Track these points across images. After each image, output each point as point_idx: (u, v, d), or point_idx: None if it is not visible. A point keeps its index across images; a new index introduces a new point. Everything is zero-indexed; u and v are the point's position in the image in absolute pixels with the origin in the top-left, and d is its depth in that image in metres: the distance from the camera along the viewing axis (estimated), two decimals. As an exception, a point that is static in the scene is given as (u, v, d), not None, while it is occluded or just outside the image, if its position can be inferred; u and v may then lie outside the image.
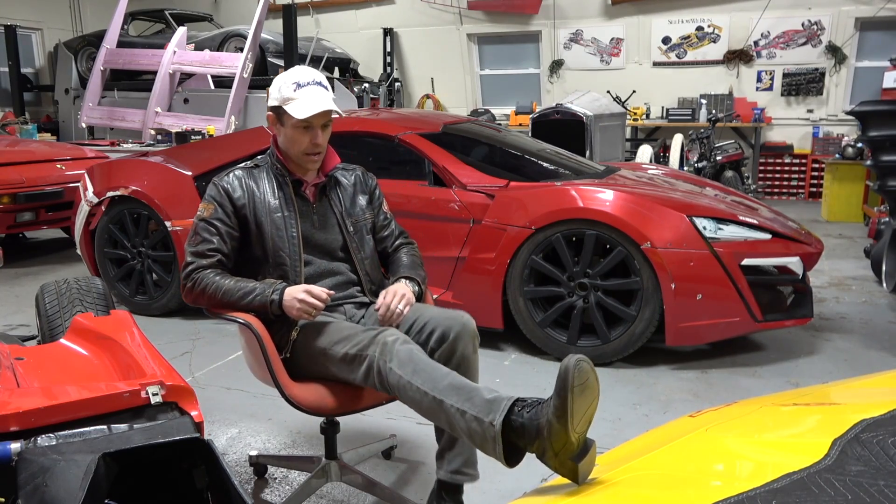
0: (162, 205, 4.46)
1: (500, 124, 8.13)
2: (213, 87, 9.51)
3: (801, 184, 9.83)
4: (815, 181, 9.60)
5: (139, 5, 11.18)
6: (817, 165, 9.50)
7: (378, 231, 2.43)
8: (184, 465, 1.49)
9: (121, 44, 9.56)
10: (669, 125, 9.95)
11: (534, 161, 4.40)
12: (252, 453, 2.69)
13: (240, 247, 2.25)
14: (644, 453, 1.21)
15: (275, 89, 2.22)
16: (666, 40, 10.19)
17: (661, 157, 8.24)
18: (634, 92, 10.21)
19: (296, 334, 2.16)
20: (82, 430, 1.53)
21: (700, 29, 9.99)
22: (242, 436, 2.98)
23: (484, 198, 3.82)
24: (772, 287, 3.86)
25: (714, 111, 9.53)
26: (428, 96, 11.59)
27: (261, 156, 2.36)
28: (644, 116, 10.26)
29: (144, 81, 9.66)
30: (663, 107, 10.22)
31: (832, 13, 9.29)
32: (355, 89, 9.52)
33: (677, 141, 7.17)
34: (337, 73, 10.59)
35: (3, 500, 1.47)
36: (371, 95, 10.07)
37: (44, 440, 1.48)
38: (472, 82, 11.47)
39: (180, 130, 7.76)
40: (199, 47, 9.58)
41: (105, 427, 1.55)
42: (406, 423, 2.92)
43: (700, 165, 7.43)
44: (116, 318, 2.28)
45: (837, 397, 1.41)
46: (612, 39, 10.47)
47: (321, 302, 2.08)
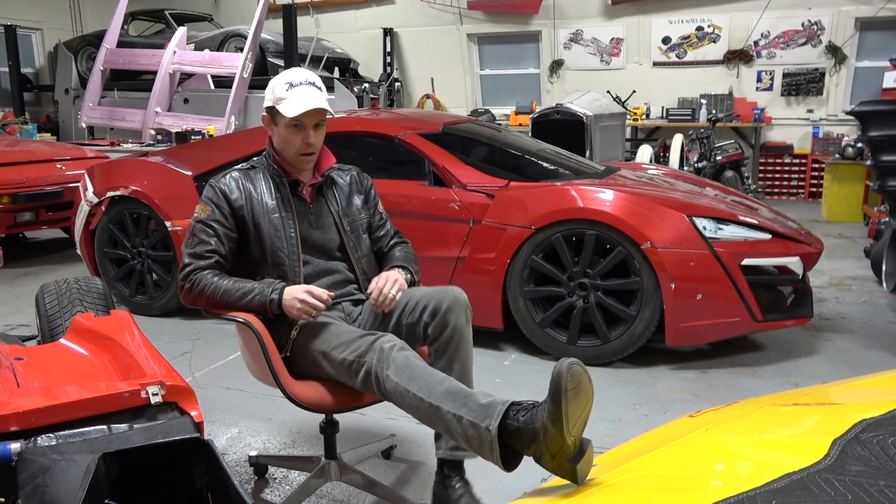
0: (162, 205, 4.46)
1: (500, 124, 8.12)
2: (213, 87, 9.51)
3: (801, 184, 9.83)
4: (815, 181, 9.60)
5: (139, 5, 11.18)
6: (817, 165, 9.50)
7: (374, 231, 2.45)
8: (184, 465, 1.49)
9: (121, 44, 9.56)
10: (669, 125, 9.95)
11: (534, 161, 4.39)
12: (252, 453, 2.69)
13: (237, 248, 2.25)
14: (644, 453, 1.21)
15: (269, 90, 2.23)
16: (666, 40, 10.19)
17: (661, 157, 8.24)
18: (634, 92, 10.21)
19: (295, 333, 2.16)
20: (82, 430, 1.53)
21: (700, 29, 9.99)
22: (242, 436, 2.98)
23: (484, 198, 3.82)
24: (772, 287, 3.86)
25: (714, 111, 9.53)
26: (428, 96, 11.59)
27: (256, 157, 2.37)
28: (644, 116, 10.25)
29: (144, 81, 9.66)
30: (663, 107, 10.22)
31: (832, 13, 9.29)
32: (355, 89, 9.52)
33: (677, 141, 7.16)
34: (337, 73, 10.59)
35: (3, 500, 1.47)
36: (371, 95, 10.07)
37: (44, 440, 1.48)
38: (472, 82, 11.47)
39: (180, 130, 7.76)
40: (199, 47, 9.59)
41: (105, 427, 1.55)
42: (406, 423, 2.92)
43: (700, 165, 7.43)
44: (116, 318, 2.28)
45: (837, 397, 1.41)
46: (612, 39, 10.47)
47: (322, 303, 2.08)
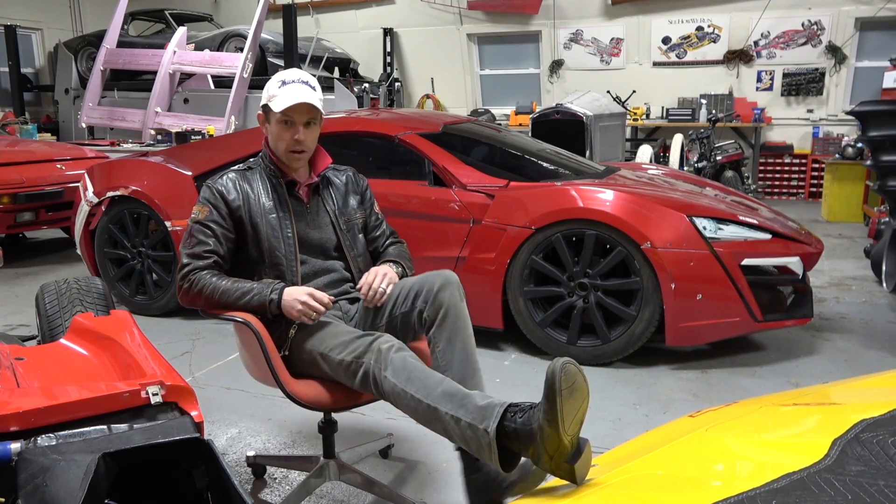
0: (162, 205, 4.46)
1: (500, 124, 8.12)
2: (213, 87, 9.51)
3: (801, 184, 9.82)
4: (815, 181, 9.60)
5: (139, 5, 11.18)
6: (817, 165, 9.50)
7: (370, 231, 2.46)
8: (184, 465, 1.49)
9: (121, 44, 9.56)
10: (669, 125, 9.95)
11: (534, 161, 4.39)
12: (250, 453, 2.69)
13: (235, 248, 2.26)
14: (644, 453, 1.21)
15: (265, 89, 2.26)
16: (666, 40, 10.19)
17: (661, 157, 8.24)
18: (634, 92, 10.21)
19: (293, 332, 2.16)
20: (82, 430, 1.53)
21: (700, 29, 9.99)
22: (242, 436, 2.98)
23: (484, 198, 3.82)
24: (772, 287, 3.86)
25: (714, 111, 9.52)
26: (428, 96, 11.59)
27: (253, 159, 2.38)
28: (644, 116, 10.25)
29: (144, 81, 9.66)
30: (663, 107, 10.22)
31: (832, 13, 9.29)
32: (355, 89, 9.52)
33: (677, 141, 7.16)
34: (337, 73, 10.59)
35: (3, 500, 1.47)
36: (371, 95, 10.06)
37: (44, 440, 1.48)
38: (472, 82, 11.47)
39: (180, 130, 7.76)
40: (199, 47, 9.59)
41: (105, 427, 1.55)
42: (404, 423, 2.91)
43: (700, 165, 7.43)
44: (116, 318, 2.28)
45: (837, 397, 1.41)
46: (612, 39, 10.47)
47: (323, 306, 2.10)
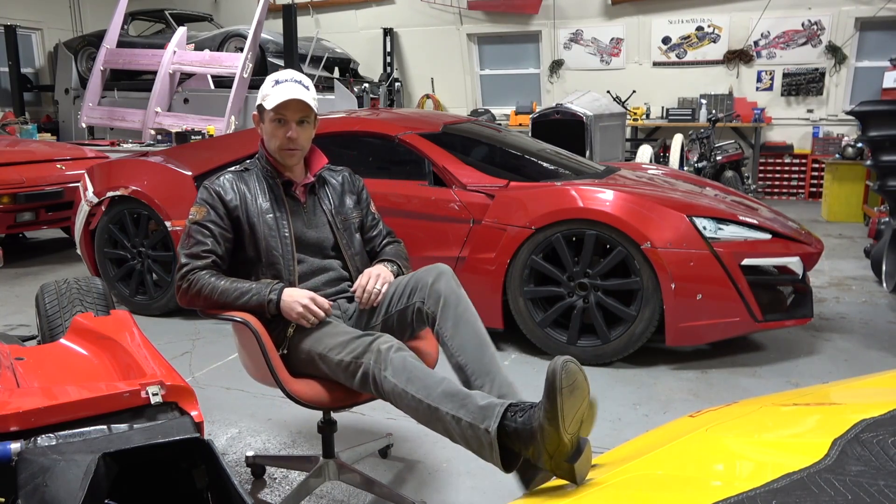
0: (162, 205, 4.46)
1: (500, 124, 8.12)
2: (213, 87, 9.51)
3: (801, 184, 9.82)
4: (815, 181, 9.60)
5: (139, 5, 11.18)
6: (817, 165, 9.49)
7: (367, 231, 2.47)
8: (184, 465, 1.49)
9: (121, 44, 9.56)
10: (669, 125, 9.95)
11: (534, 161, 4.39)
12: (249, 454, 2.69)
13: (233, 248, 2.27)
14: (644, 453, 1.21)
15: (260, 90, 2.28)
16: (666, 40, 10.18)
17: (661, 157, 8.24)
18: (634, 92, 10.20)
19: (291, 331, 2.17)
20: (82, 430, 1.53)
21: (700, 29, 9.99)
22: (242, 436, 2.98)
23: (484, 198, 3.82)
24: (772, 287, 3.86)
25: (714, 111, 9.52)
26: (428, 96, 11.59)
27: (250, 160, 2.39)
28: (644, 116, 10.25)
29: (144, 81, 9.66)
30: (663, 107, 10.22)
31: (832, 13, 9.28)
32: (355, 89, 9.52)
33: (677, 141, 7.16)
34: (337, 73, 10.59)
35: (3, 500, 1.47)
36: (371, 95, 10.06)
37: (44, 440, 1.48)
38: (472, 82, 11.47)
39: (180, 130, 7.76)
40: (199, 47, 9.58)
41: (105, 427, 1.55)
42: (404, 423, 2.91)
43: (700, 165, 7.43)
44: (116, 318, 2.29)
45: (837, 397, 1.41)
46: (612, 39, 10.47)
47: (324, 311, 2.12)
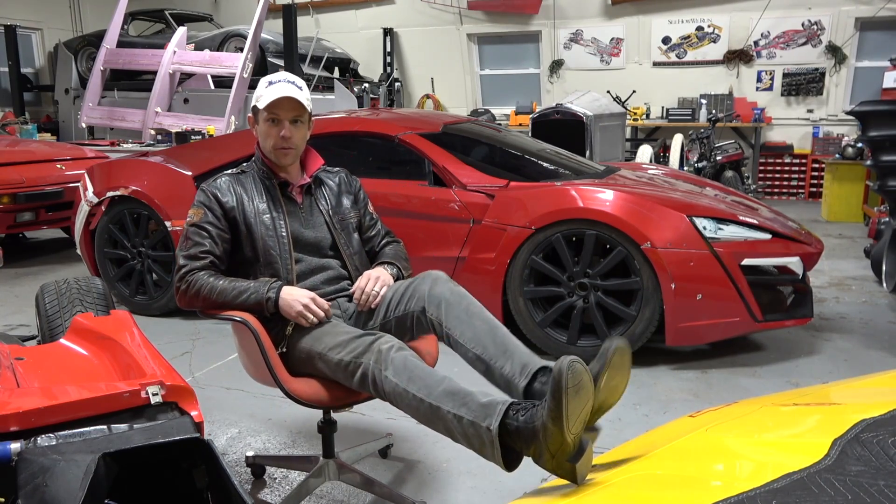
0: (162, 205, 4.46)
1: (500, 124, 8.12)
2: (213, 87, 9.51)
3: (801, 184, 9.82)
4: (815, 181, 9.60)
5: (139, 5, 11.18)
6: (817, 165, 9.50)
7: (365, 231, 2.48)
8: (184, 465, 1.49)
9: (121, 44, 9.55)
10: (669, 125, 9.95)
11: (534, 161, 4.39)
12: (249, 454, 2.69)
13: (231, 250, 2.28)
14: (644, 453, 1.21)
15: (255, 93, 2.30)
16: (666, 40, 10.18)
17: (661, 157, 8.24)
18: (634, 92, 10.20)
19: (290, 330, 2.17)
20: (82, 430, 1.53)
21: (700, 29, 9.99)
22: (242, 436, 2.98)
23: (484, 198, 3.82)
24: (772, 287, 3.86)
25: (714, 111, 9.52)
26: (428, 96, 11.58)
27: (246, 163, 2.41)
28: (644, 116, 10.25)
29: (144, 81, 9.66)
30: (663, 107, 10.21)
31: (832, 13, 9.29)
32: (355, 89, 9.52)
33: (677, 141, 7.16)
34: (337, 73, 10.59)
35: (3, 500, 1.47)
36: (371, 95, 10.06)
37: (44, 440, 1.48)
38: (472, 82, 11.47)
39: (180, 130, 7.76)
40: (199, 47, 9.58)
41: (105, 427, 1.55)
42: (404, 423, 2.92)
43: (700, 165, 7.43)
44: (116, 318, 2.29)
45: (837, 397, 1.41)
46: (612, 39, 10.47)
47: (323, 312, 2.13)
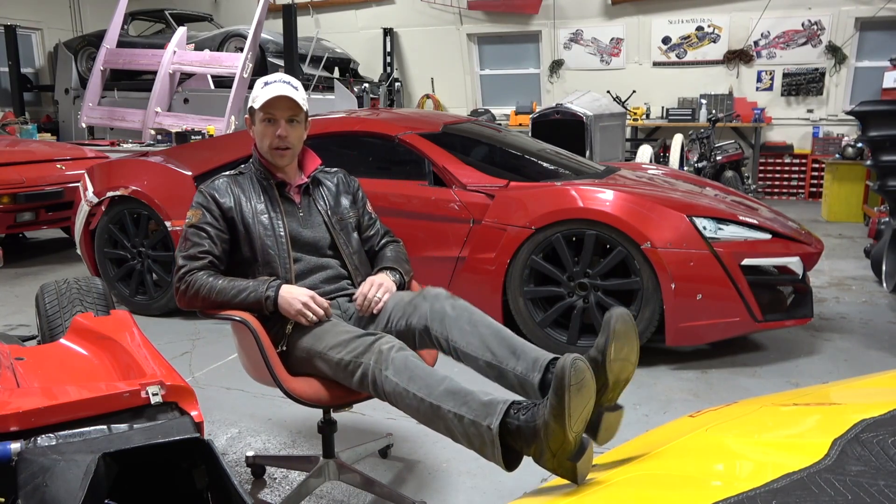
0: (162, 205, 4.46)
1: (500, 124, 8.12)
2: (213, 87, 9.51)
3: (801, 184, 9.82)
4: (815, 181, 9.60)
5: (139, 5, 11.18)
6: (817, 165, 9.49)
7: (364, 230, 2.48)
8: (184, 465, 1.49)
9: (121, 44, 9.55)
10: (669, 125, 9.94)
11: (534, 161, 4.39)
12: (249, 454, 2.69)
13: (229, 250, 2.28)
14: (644, 453, 1.21)
15: (251, 94, 2.30)
16: (666, 40, 10.19)
17: (661, 157, 8.24)
18: (634, 92, 10.20)
19: (290, 328, 2.18)
20: (82, 430, 1.53)
21: (700, 29, 9.99)
22: (242, 436, 2.98)
23: (484, 198, 3.82)
24: (772, 287, 3.86)
25: (714, 111, 9.52)
26: (428, 96, 11.59)
27: (244, 164, 2.41)
28: (644, 116, 10.25)
29: (144, 81, 9.66)
30: (663, 107, 10.22)
31: (832, 13, 9.29)
32: (355, 89, 9.52)
33: (677, 141, 7.16)
34: (337, 73, 10.59)
35: (3, 500, 1.47)
36: (371, 95, 10.07)
37: (44, 440, 1.48)
38: (472, 82, 11.47)
39: (180, 130, 7.76)
40: (199, 47, 9.58)
41: (105, 427, 1.55)
42: (404, 423, 2.92)
43: (700, 165, 7.43)
44: (116, 318, 2.29)
45: (837, 397, 1.41)
46: (612, 39, 10.47)
47: (322, 310, 2.13)
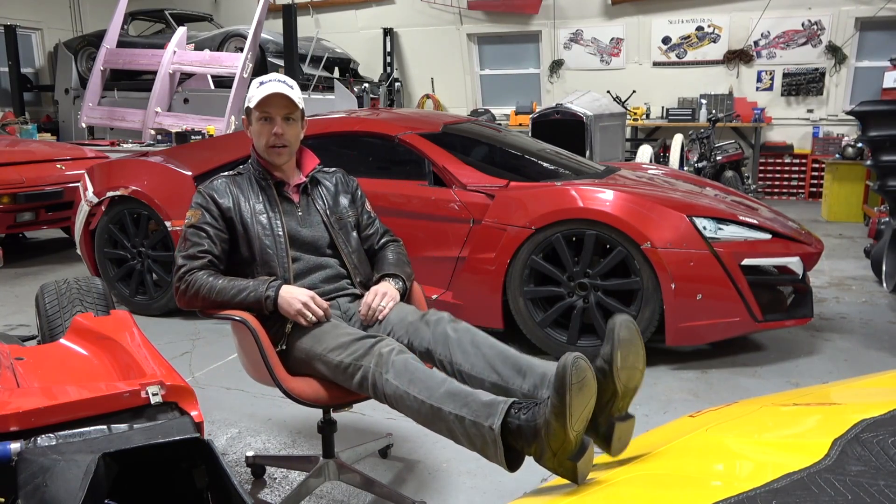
0: (162, 205, 4.46)
1: (500, 124, 8.12)
2: (213, 87, 9.50)
3: (801, 184, 9.82)
4: (815, 181, 9.60)
5: (139, 5, 11.18)
6: (817, 165, 9.50)
7: (363, 230, 2.48)
8: (184, 465, 1.49)
9: (121, 44, 9.55)
10: (669, 125, 9.94)
11: (534, 161, 4.39)
12: (249, 454, 2.69)
13: (228, 249, 2.28)
14: (644, 453, 1.21)
15: (247, 95, 2.31)
16: (666, 40, 10.19)
17: (661, 157, 8.24)
18: (634, 92, 10.21)
19: (290, 327, 2.18)
20: (82, 430, 1.53)
21: (700, 29, 9.99)
22: (242, 436, 2.98)
23: (484, 198, 3.82)
24: (772, 287, 3.86)
25: (714, 111, 9.52)
26: (428, 96, 11.58)
27: (243, 165, 2.41)
28: (644, 116, 10.25)
29: (144, 81, 9.65)
30: (663, 107, 10.21)
31: (832, 13, 9.29)
32: (355, 89, 9.52)
33: (677, 141, 7.16)
34: (337, 73, 10.59)
35: (3, 500, 1.47)
36: (371, 95, 10.07)
37: (44, 440, 1.48)
38: (472, 82, 11.47)
39: (180, 130, 7.75)
40: (199, 47, 9.58)
41: (105, 427, 1.55)
42: (405, 423, 2.89)
43: (700, 165, 7.43)
44: (116, 318, 2.29)
45: (837, 397, 1.41)
46: (612, 39, 10.47)
47: (322, 311, 2.13)
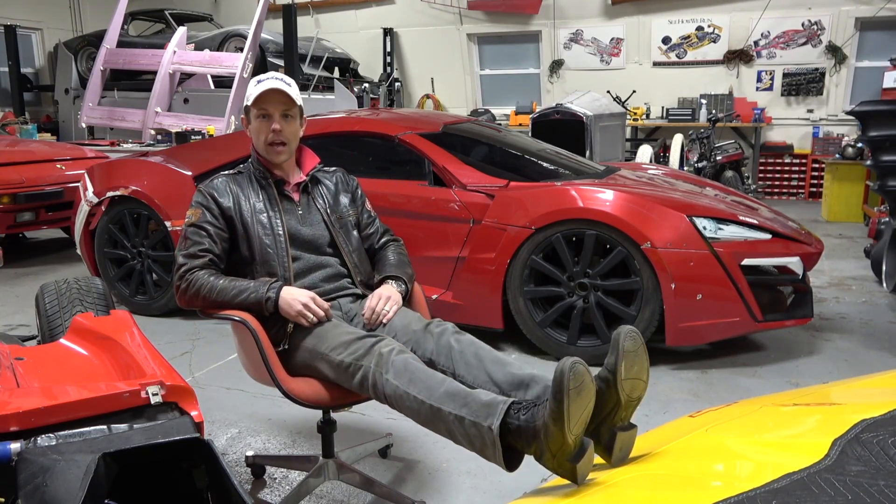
0: (162, 205, 4.46)
1: (500, 124, 8.12)
2: (213, 87, 9.51)
3: (801, 184, 9.82)
4: (815, 181, 9.60)
5: (139, 5, 11.18)
6: (817, 165, 9.50)
7: (363, 229, 2.48)
8: (184, 465, 1.49)
9: (121, 44, 9.55)
10: (669, 125, 9.95)
11: (534, 161, 4.39)
12: (249, 453, 2.69)
13: (229, 249, 2.28)
14: (644, 453, 1.21)
15: (246, 95, 2.31)
16: (666, 40, 10.19)
17: (661, 157, 8.24)
18: (634, 92, 10.21)
19: (291, 328, 2.18)
20: (82, 430, 1.53)
21: (700, 29, 9.99)
22: (242, 436, 2.98)
23: (484, 198, 3.82)
24: (772, 287, 3.86)
25: (714, 111, 9.53)
26: (428, 96, 11.59)
27: (243, 164, 2.41)
28: (644, 116, 10.25)
29: (144, 81, 9.66)
30: (663, 107, 10.22)
31: (832, 13, 9.29)
32: (355, 89, 9.52)
33: (677, 141, 7.16)
34: (337, 73, 10.59)
35: (3, 500, 1.47)
36: (371, 95, 10.07)
37: (44, 440, 1.48)
38: (472, 82, 11.47)
39: (180, 130, 7.76)
40: (199, 47, 9.58)
41: (105, 427, 1.55)
42: (405, 423, 2.90)
43: (700, 165, 7.43)
44: (116, 318, 2.29)
45: (837, 397, 1.41)
46: (612, 39, 10.47)
47: (322, 311, 2.13)
